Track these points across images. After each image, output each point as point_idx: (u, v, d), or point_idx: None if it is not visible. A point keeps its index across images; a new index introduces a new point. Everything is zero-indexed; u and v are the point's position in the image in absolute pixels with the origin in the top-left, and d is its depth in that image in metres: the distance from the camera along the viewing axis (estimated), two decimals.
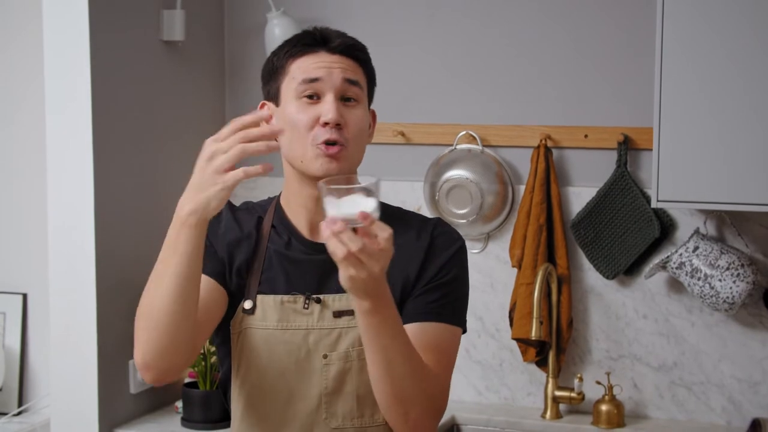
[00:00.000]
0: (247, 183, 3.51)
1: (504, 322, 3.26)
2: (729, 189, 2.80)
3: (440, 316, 1.98)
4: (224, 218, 2.10)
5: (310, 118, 1.96)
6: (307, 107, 1.97)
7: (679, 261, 3.00)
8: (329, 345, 1.99)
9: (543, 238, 3.15)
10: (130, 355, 3.13)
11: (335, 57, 1.99)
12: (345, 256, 1.67)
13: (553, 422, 3.17)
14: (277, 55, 2.03)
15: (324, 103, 1.96)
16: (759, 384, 3.09)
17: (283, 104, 2.00)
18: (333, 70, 1.97)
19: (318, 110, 1.96)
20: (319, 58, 1.98)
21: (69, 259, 3.01)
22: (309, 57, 1.99)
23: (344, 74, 1.98)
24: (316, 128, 1.96)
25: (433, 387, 1.92)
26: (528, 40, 3.23)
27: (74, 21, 2.93)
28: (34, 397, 3.46)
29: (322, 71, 1.97)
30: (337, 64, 1.98)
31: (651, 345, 3.17)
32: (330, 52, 1.99)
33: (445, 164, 3.29)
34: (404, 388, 1.86)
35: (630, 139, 3.13)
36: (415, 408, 1.89)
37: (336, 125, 1.95)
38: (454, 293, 2.02)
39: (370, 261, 1.69)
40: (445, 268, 2.01)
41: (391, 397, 1.87)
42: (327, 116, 1.95)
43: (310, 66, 1.98)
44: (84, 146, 2.96)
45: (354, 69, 2.00)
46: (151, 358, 1.91)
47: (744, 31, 2.75)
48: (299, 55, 2.00)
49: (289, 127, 1.98)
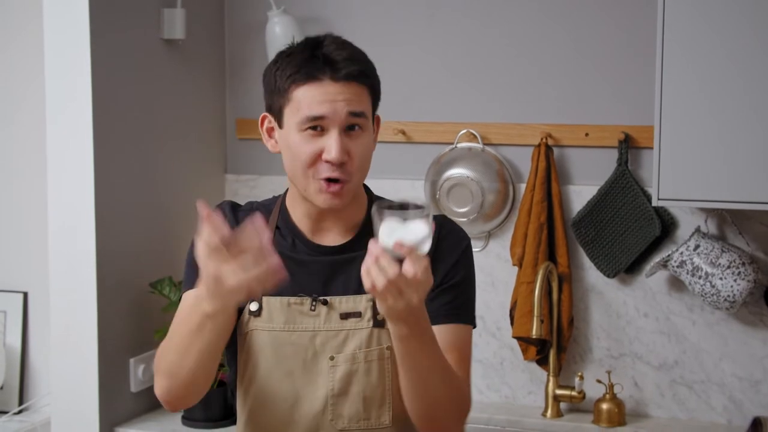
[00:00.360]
0: (249, 182, 3.51)
1: (505, 321, 3.26)
2: (730, 187, 2.79)
3: (456, 317, 2.00)
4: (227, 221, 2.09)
5: (314, 151, 1.95)
6: (310, 139, 1.95)
7: (680, 259, 3.00)
8: (336, 347, 1.99)
9: (544, 236, 3.15)
10: (130, 354, 3.13)
11: (340, 87, 1.94)
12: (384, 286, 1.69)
13: (553, 421, 3.17)
14: (281, 71, 1.99)
15: (328, 138, 1.94)
16: (760, 383, 3.09)
17: (286, 130, 1.99)
18: (337, 104, 1.93)
19: (321, 144, 1.95)
20: (323, 89, 1.94)
21: (69, 258, 3.01)
22: (313, 87, 1.94)
23: (349, 107, 1.94)
24: (319, 163, 1.95)
25: (465, 394, 1.97)
26: (528, 39, 3.23)
27: (75, 20, 2.93)
28: (35, 396, 3.46)
29: (327, 108, 1.93)
30: (341, 96, 1.94)
31: (652, 343, 3.17)
32: (335, 81, 1.94)
33: (445, 163, 3.28)
34: (439, 399, 1.90)
35: (631, 137, 3.12)
36: (448, 419, 1.93)
37: (340, 163, 1.94)
38: (466, 292, 2.04)
39: (409, 290, 1.71)
40: (455, 269, 2.02)
41: (426, 411, 1.91)
42: (330, 155, 1.94)
43: (314, 101, 1.93)
44: (84, 145, 2.96)
45: (359, 97, 1.96)
46: (173, 398, 1.98)
47: (745, 29, 2.74)
48: (302, 83, 1.95)
49: (293, 157, 1.98)
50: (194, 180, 3.39)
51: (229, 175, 3.54)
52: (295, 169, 1.98)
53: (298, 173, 1.98)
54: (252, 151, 3.50)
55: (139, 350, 3.16)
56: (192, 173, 3.39)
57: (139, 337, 3.16)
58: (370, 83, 2.00)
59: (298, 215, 2.07)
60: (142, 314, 3.16)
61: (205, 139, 3.46)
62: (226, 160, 3.55)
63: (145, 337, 3.17)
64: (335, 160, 1.93)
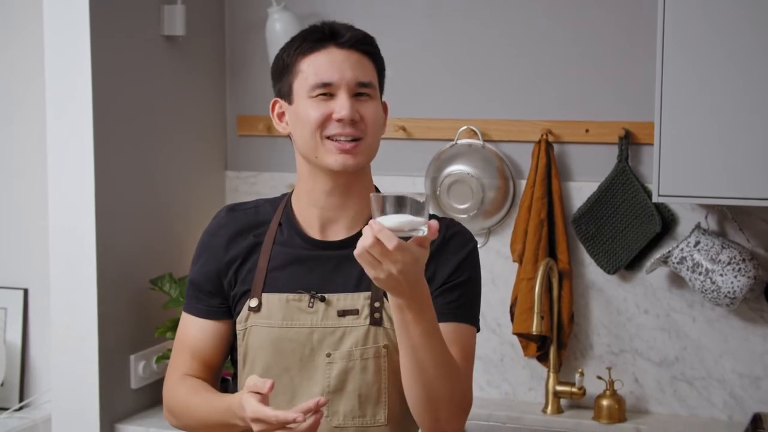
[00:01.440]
0: (249, 178, 3.51)
1: (505, 317, 3.26)
2: (730, 184, 2.79)
3: (459, 316, 2.00)
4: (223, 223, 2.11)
5: (324, 113, 1.97)
6: (320, 104, 1.98)
7: (681, 256, 3.00)
8: (333, 344, 2.00)
9: (544, 233, 3.15)
10: (130, 351, 3.13)
11: (345, 53, 1.98)
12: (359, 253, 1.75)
13: (554, 417, 3.17)
14: (287, 51, 2.03)
15: (338, 99, 1.97)
16: (760, 379, 3.09)
17: (296, 102, 2.01)
18: (345, 71, 1.97)
19: (331, 106, 1.97)
20: (330, 55, 1.98)
21: (70, 254, 3.01)
22: (319, 54, 1.98)
23: (356, 77, 1.98)
24: (330, 123, 1.97)
25: (465, 386, 1.96)
26: (529, 35, 3.23)
27: (75, 17, 2.92)
28: (35, 393, 3.46)
29: (335, 74, 1.97)
30: (348, 62, 1.97)
31: (652, 340, 3.17)
32: (340, 47, 1.99)
33: (446, 159, 3.28)
34: (436, 389, 1.88)
35: (631, 133, 3.12)
36: (447, 408, 1.91)
37: (351, 121, 1.96)
38: (470, 293, 2.03)
39: (385, 260, 1.74)
40: (460, 269, 2.02)
41: (424, 398, 1.90)
42: (341, 113, 1.96)
43: (321, 67, 1.97)
44: (85, 141, 2.96)
45: (365, 66, 2.00)
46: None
47: (745, 26, 2.74)
48: (309, 52, 1.99)
49: (303, 125, 1.99)
50: (194, 177, 3.39)
51: (230, 171, 3.54)
52: (306, 136, 1.99)
53: (308, 139, 1.99)
54: (252, 147, 3.50)
55: (139, 347, 3.16)
56: (192, 170, 3.39)
57: (140, 333, 3.16)
58: (374, 54, 2.04)
59: (303, 207, 2.07)
60: (142, 311, 3.16)
61: (205, 135, 3.46)
62: (226, 157, 3.55)
63: (145, 334, 3.17)
64: (346, 117, 1.95)
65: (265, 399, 1.84)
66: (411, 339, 1.83)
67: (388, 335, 1.99)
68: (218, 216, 2.14)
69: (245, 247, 2.07)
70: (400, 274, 1.75)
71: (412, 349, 1.84)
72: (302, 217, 2.07)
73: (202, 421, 2.03)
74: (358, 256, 1.75)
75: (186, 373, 2.09)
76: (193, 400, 2.05)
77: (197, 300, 2.10)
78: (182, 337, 2.12)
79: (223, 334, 2.10)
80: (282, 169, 3.44)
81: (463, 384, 1.95)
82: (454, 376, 1.90)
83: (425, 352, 1.84)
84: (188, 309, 2.12)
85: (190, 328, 2.11)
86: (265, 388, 1.83)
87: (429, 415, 1.91)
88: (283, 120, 2.06)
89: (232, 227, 2.10)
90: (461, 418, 1.96)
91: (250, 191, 3.49)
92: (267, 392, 1.83)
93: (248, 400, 1.85)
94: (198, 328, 2.10)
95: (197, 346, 2.10)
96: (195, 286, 2.10)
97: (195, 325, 2.11)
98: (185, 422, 2.09)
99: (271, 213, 2.10)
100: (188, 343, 2.11)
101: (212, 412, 2.00)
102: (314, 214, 2.06)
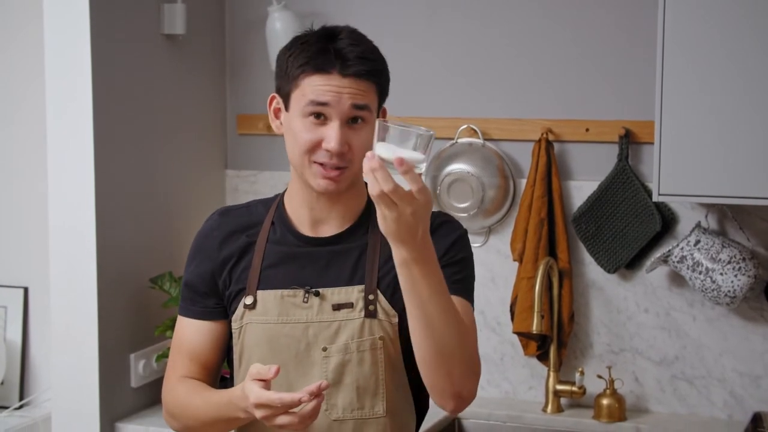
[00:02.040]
0: (249, 177, 3.51)
1: (505, 316, 3.26)
2: (730, 183, 2.79)
3: (459, 291, 2.00)
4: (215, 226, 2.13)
5: (314, 139, 1.97)
6: (312, 127, 1.97)
7: (681, 255, 3.00)
8: (328, 338, 2.01)
9: (544, 231, 3.14)
10: (130, 350, 3.13)
11: (347, 81, 1.96)
12: (378, 194, 1.74)
13: (554, 416, 3.17)
14: (293, 56, 2.00)
15: (329, 128, 1.96)
16: (760, 378, 3.09)
17: (291, 114, 2.01)
18: (342, 95, 1.95)
19: (322, 134, 1.96)
20: (330, 80, 1.95)
21: (70, 253, 3.01)
22: (321, 77, 1.96)
23: (353, 100, 1.95)
24: (318, 150, 1.97)
25: (472, 345, 1.95)
26: (529, 34, 3.23)
27: (75, 16, 2.93)
28: (35, 391, 3.46)
29: (331, 96, 1.95)
30: (347, 89, 1.95)
31: (652, 339, 3.17)
32: (343, 76, 1.96)
33: (446, 158, 3.28)
34: (446, 344, 1.88)
35: (631, 132, 3.12)
36: (459, 366, 1.90)
37: (339, 152, 1.96)
38: (465, 270, 2.04)
39: (402, 203, 1.74)
40: (453, 249, 2.03)
41: (436, 355, 1.88)
42: (329, 144, 1.95)
43: (320, 88, 1.95)
44: (85, 140, 2.96)
45: (365, 92, 1.98)
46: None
47: (745, 25, 2.74)
48: (311, 73, 1.97)
49: (294, 141, 2.00)
50: (194, 176, 3.39)
51: (230, 170, 3.54)
52: (295, 153, 2.00)
53: (297, 157, 2.00)
54: (252, 146, 3.51)
55: (139, 345, 3.16)
56: (192, 169, 3.39)
57: (140, 332, 3.16)
58: (377, 81, 2.01)
59: (295, 207, 2.08)
60: (142, 310, 3.16)
61: (205, 134, 3.46)
62: (226, 156, 3.55)
63: (145, 333, 3.17)
64: (334, 150, 1.95)
65: (268, 385, 1.85)
66: (419, 295, 1.83)
67: (383, 327, 2.01)
68: (210, 219, 2.15)
69: (239, 247, 2.08)
70: (413, 217, 1.76)
71: (420, 305, 1.84)
72: (294, 216, 2.09)
73: (203, 419, 2.03)
74: (375, 195, 1.75)
75: (184, 375, 2.10)
76: (193, 400, 2.05)
77: (192, 302, 2.11)
78: (179, 340, 2.13)
79: (220, 334, 2.10)
80: (282, 168, 3.43)
81: (472, 345, 1.95)
82: (463, 333, 1.90)
83: (434, 307, 1.84)
84: (184, 312, 2.13)
85: (187, 330, 2.12)
86: (270, 373, 1.84)
87: (442, 370, 1.90)
88: (278, 117, 2.07)
89: (224, 229, 2.11)
90: (473, 380, 1.95)
91: (250, 190, 3.49)
92: (272, 377, 1.84)
93: (251, 387, 1.85)
94: (194, 330, 2.11)
95: (194, 348, 2.10)
96: (190, 288, 2.11)
97: (191, 327, 2.11)
98: (185, 423, 2.08)
99: (263, 213, 2.12)
100: (185, 345, 2.11)
101: (213, 409, 2.00)
102: (306, 213, 2.08)
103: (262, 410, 1.85)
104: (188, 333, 2.11)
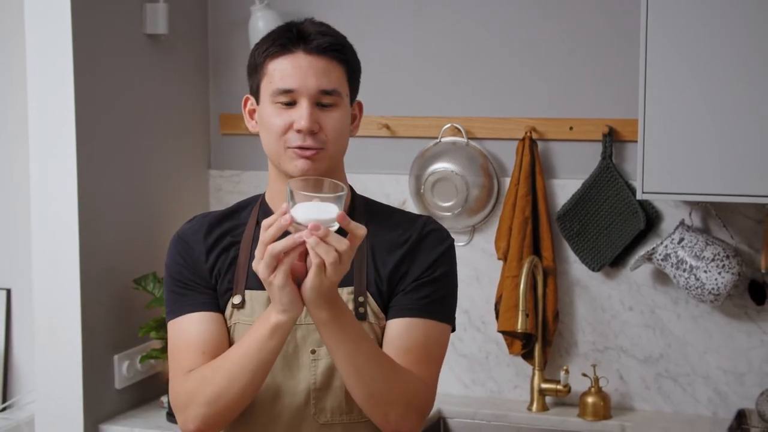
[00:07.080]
0: (232, 177, 3.50)
1: (490, 315, 3.26)
2: (714, 180, 2.80)
3: (428, 312, 1.98)
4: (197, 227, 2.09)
5: (285, 122, 1.96)
6: (281, 112, 1.96)
7: (665, 252, 3.00)
8: (317, 340, 1.98)
9: (528, 230, 3.15)
10: (114, 350, 3.12)
11: (312, 58, 1.95)
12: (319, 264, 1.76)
13: (539, 415, 3.17)
14: (258, 49, 2.01)
15: (298, 108, 1.95)
16: (744, 375, 3.09)
17: (261, 104, 2.00)
18: (308, 78, 1.94)
19: (292, 116, 1.95)
20: (295, 61, 1.95)
21: (53, 254, 3.00)
22: (285, 58, 1.96)
23: (319, 85, 1.94)
24: (290, 132, 1.96)
25: (413, 386, 1.93)
26: (512, 33, 3.23)
27: (56, 16, 2.92)
28: (19, 393, 3.45)
29: (297, 82, 1.94)
30: (312, 69, 1.95)
31: (637, 337, 3.18)
32: (307, 53, 1.95)
33: (430, 157, 3.28)
34: (378, 390, 1.89)
35: (615, 130, 3.13)
36: (395, 408, 1.91)
37: (310, 132, 1.95)
38: (443, 290, 2.01)
39: (340, 268, 1.77)
40: (434, 266, 2.00)
41: (368, 400, 1.90)
42: (300, 123, 1.94)
43: (285, 72, 1.95)
44: (67, 140, 2.95)
45: (332, 73, 1.97)
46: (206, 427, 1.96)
47: (730, 22, 2.75)
48: (276, 55, 1.97)
49: (268, 130, 1.99)
50: (178, 175, 3.38)
51: (213, 170, 3.53)
52: (270, 141, 1.99)
53: (272, 145, 1.99)
54: (236, 146, 3.50)
55: (123, 347, 3.15)
56: (175, 169, 3.38)
57: (123, 333, 3.15)
58: (344, 59, 2.00)
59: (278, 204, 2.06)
60: (125, 310, 3.15)
61: (188, 134, 3.45)
62: (209, 156, 3.54)
63: (129, 334, 3.16)
64: (305, 129, 1.94)
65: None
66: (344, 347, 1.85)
67: (373, 329, 1.99)
68: (192, 220, 2.11)
69: (222, 247, 2.04)
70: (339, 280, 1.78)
71: (346, 356, 1.86)
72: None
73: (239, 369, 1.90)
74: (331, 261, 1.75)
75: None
76: (219, 361, 1.94)
77: (186, 297, 2.03)
78: (184, 341, 2.01)
79: (223, 323, 2.02)
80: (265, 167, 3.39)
81: (416, 384, 1.93)
82: (397, 376, 1.90)
83: (360, 357, 1.86)
84: (180, 311, 2.02)
85: (190, 326, 2.01)
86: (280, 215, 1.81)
87: (378, 411, 1.91)
88: (253, 117, 2.06)
89: (206, 229, 2.07)
90: (416, 417, 1.94)
91: (234, 190, 3.48)
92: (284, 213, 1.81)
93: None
94: (198, 322, 2.01)
95: (206, 339, 2.00)
96: (181, 285, 2.03)
97: (194, 321, 2.01)
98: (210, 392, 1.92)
99: (246, 214, 2.09)
100: (193, 341, 2.00)
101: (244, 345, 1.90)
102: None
103: (266, 234, 1.80)
104: (193, 328, 2.01)
